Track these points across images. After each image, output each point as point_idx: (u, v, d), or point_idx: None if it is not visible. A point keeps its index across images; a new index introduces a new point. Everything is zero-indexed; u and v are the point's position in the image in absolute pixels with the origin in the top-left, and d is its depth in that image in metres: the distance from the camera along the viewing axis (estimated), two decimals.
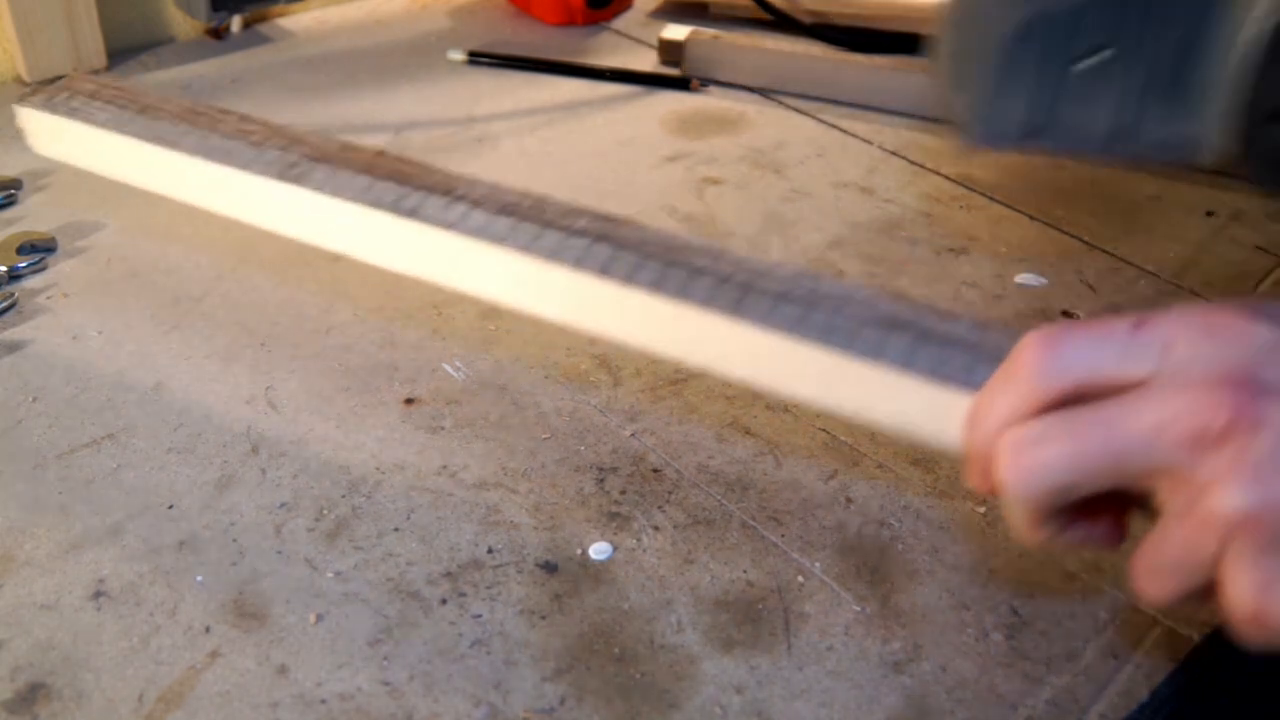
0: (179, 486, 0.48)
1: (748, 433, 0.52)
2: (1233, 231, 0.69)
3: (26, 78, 0.80)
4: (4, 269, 0.60)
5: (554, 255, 0.41)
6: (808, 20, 0.91)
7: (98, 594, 0.43)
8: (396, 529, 0.46)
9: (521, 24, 0.95)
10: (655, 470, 0.50)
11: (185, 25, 0.89)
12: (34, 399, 0.53)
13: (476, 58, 0.87)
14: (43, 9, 0.79)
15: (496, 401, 0.53)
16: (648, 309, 0.40)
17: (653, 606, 0.44)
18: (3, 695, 0.39)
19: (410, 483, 0.49)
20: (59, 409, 0.52)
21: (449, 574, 0.45)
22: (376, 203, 0.44)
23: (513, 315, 0.59)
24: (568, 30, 0.94)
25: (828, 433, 0.52)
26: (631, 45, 0.91)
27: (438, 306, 0.59)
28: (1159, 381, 0.29)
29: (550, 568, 0.45)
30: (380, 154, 0.47)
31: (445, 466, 0.49)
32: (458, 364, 0.55)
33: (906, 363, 0.36)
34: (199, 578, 0.44)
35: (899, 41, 0.84)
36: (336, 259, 0.63)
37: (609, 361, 0.56)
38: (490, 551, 0.46)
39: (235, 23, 0.90)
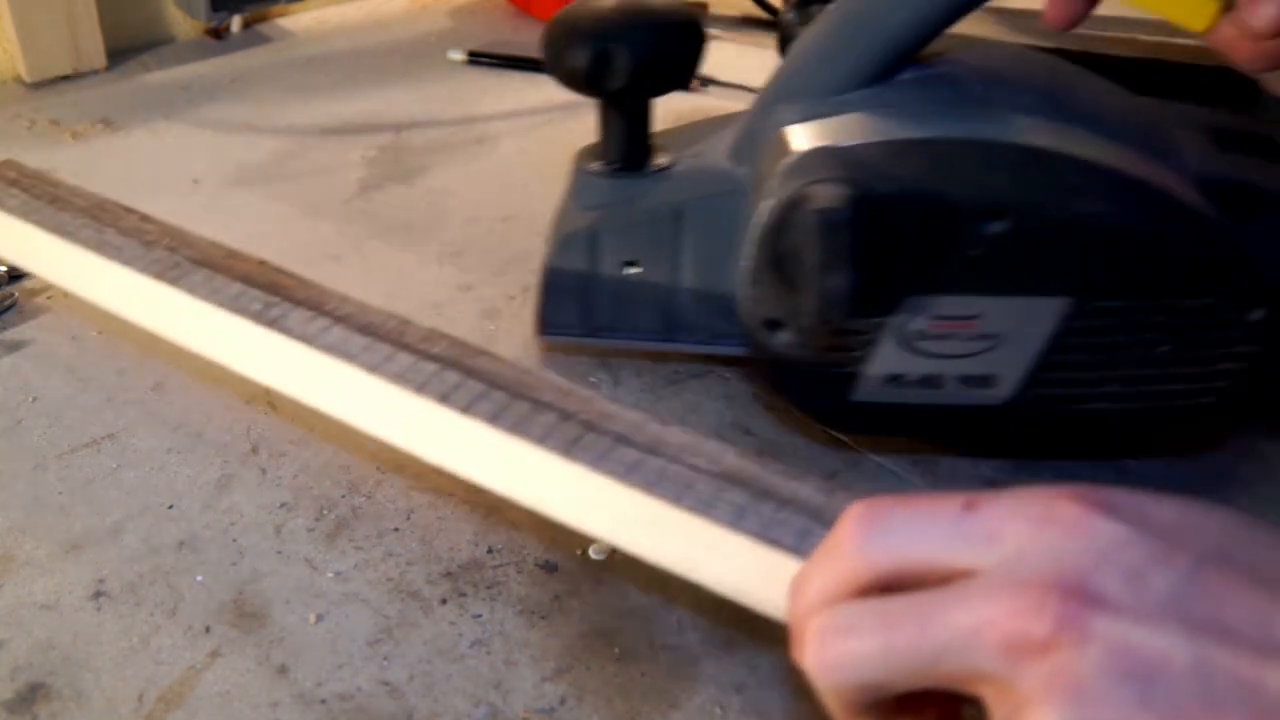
0: (179, 486, 0.48)
1: (747, 433, 0.52)
2: None
3: (26, 78, 0.80)
4: (4, 269, 0.60)
5: (400, 377, 0.41)
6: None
7: (98, 594, 0.43)
8: (396, 529, 0.46)
9: (521, 24, 0.95)
10: None
11: (185, 25, 0.89)
12: (34, 399, 0.53)
13: (476, 58, 0.87)
14: (43, 9, 0.79)
15: None
16: (480, 440, 0.39)
17: (653, 606, 0.44)
18: (3, 695, 0.39)
19: (410, 483, 0.49)
20: (59, 409, 0.52)
21: (449, 574, 0.45)
22: (242, 310, 0.44)
23: (513, 316, 0.59)
24: None
25: (829, 433, 0.52)
26: None
27: (438, 306, 0.59)
28: (984, 575, 0.26)
29: (550, 568, 0.45)
30: (262, 263, 0.48)
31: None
32: None
33: (735, 521, 0.34)
34: (199, 578, 0.44)
35: None
36: (337, 258, 0.63)
37: (609, 361, 0.56)
38: (490, 551, 0.46)
39: (235, 23, 0.90)
